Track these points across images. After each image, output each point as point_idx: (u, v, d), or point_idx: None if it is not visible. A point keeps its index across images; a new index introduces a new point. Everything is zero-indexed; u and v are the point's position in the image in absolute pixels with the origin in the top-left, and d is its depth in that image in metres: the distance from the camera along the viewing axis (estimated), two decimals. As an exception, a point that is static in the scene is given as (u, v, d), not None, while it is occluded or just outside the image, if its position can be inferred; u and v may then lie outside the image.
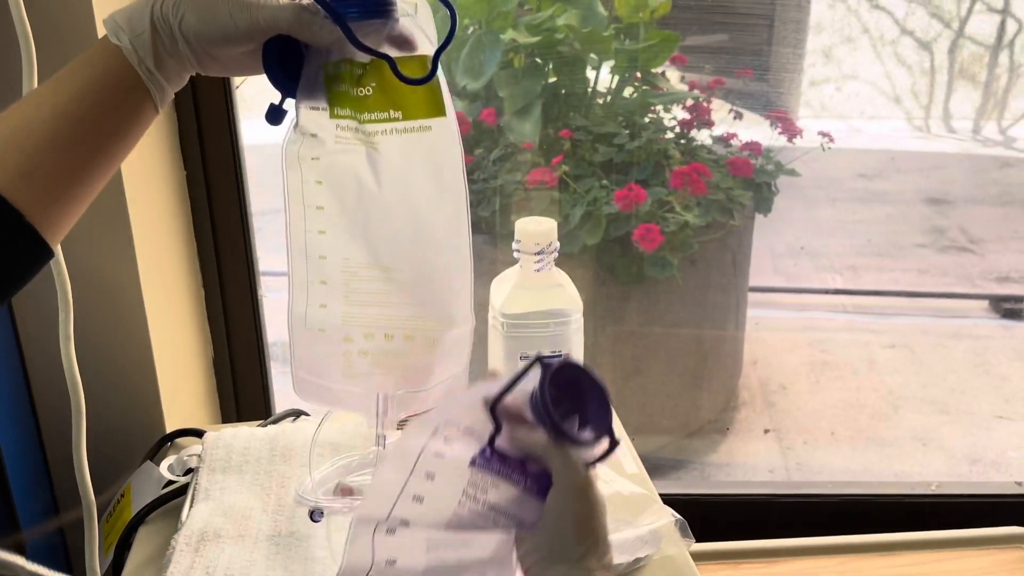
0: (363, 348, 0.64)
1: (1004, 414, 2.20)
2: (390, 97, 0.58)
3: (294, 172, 0.62)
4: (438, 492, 0.60)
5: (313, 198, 0.62)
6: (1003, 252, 2.92)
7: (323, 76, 0.58)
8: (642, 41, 1.99)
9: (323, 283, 0.63)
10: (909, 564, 1.06)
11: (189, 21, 0.55)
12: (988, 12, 2.85)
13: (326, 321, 0.64)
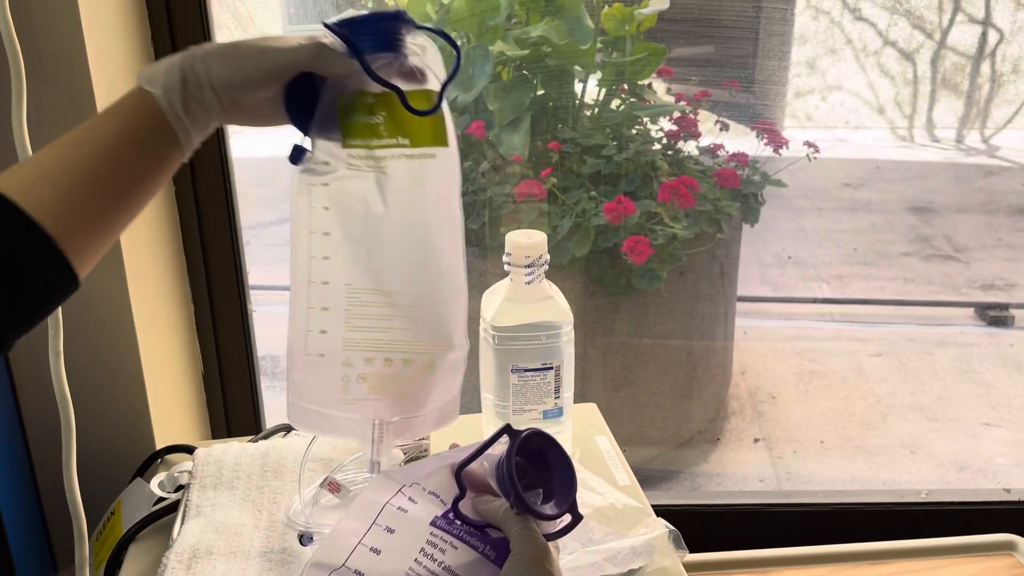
0: (362, 373, 0.65)
1: (991, 421, 2.22)
2: (399, 125, 0.62)
3: (303, 199, 0.65)
4: (396, 546, 0.60)
5: (320, 224, 0.64)
6: (988, 260, 2.94)
7: (337, 108, 0.62)
8: (629, 54, 2.00)
9: (324, 309, 0.65)
10: (900, 572, 1.06)
11: (216, 70, 0.59)
12: (969, 23, 2.88)
13: (326, 347, 0.65)
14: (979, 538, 1.10)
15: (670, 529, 0.77)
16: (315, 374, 0.66)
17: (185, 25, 0.99)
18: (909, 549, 1.09)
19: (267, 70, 0.60)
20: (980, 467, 2.05)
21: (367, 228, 0.64)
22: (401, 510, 0.62)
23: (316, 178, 0.64)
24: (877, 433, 2.18)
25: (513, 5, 2.00)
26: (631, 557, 0.72)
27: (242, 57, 0.60)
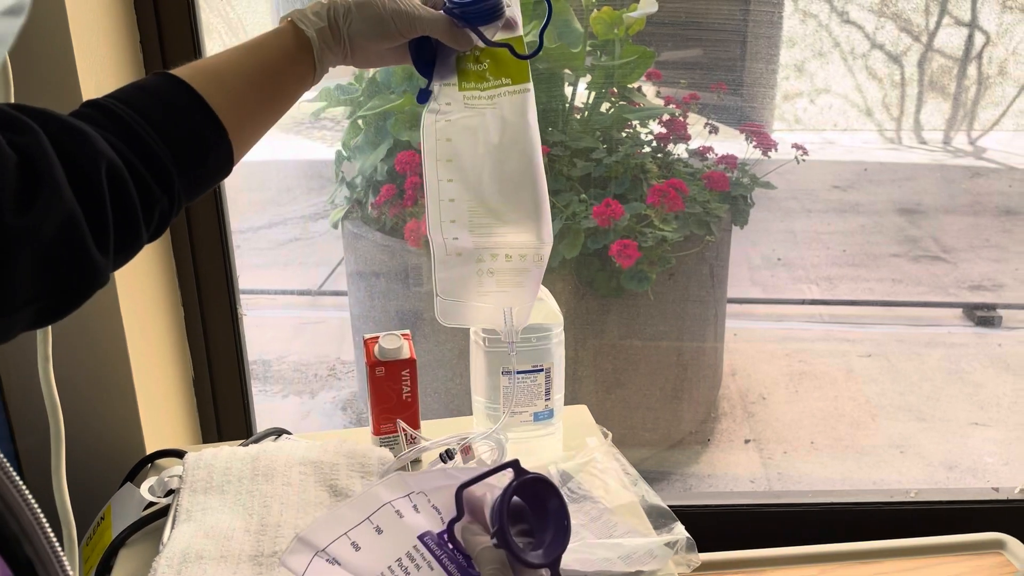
0: (491, 267, 0.82)
1: (979, 420, 2.23)
2: (501, 69, 0.78)
3: (430, 135, 0.80)
4: (377, 548, 0.63)
5: (445, 152, 0.81)
6: (975, 261, 2.96)
7: (453, 60, 0.78)
8: (618, 57, 2.01)
9: (452, 221, 0.82)
10: (890, 571, 1.07)
11: (357, 26, 0.72)
12: (956, 25, 2.90)
13: (461, 247, 0.82)
14: (968, 537, 1.11)
15: (686, 536, 0.77)
16: (456, 271, 0.83)
17: (174, 29, 0.99)
18: (899, 548, 1.10)
19: (403, 32, 0.72)
20: (969, 466, 2.06)
21: (482, 153, 0.79)
22: (398, 514, 0.64)
23: (440, 116, 0.79)
24: (867, 433, 2.19)
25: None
26: (645, 559, 0.72)
27: (383, 19, 0.71)
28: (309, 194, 3.02)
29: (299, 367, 2.51)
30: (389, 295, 2.05)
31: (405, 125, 2.01)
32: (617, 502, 0.82)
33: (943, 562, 1.08)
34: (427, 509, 0.65)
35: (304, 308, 2.83)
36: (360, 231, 2.07)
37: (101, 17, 0.91)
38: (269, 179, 2.81)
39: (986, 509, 1.27)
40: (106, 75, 0.91)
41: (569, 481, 0.86)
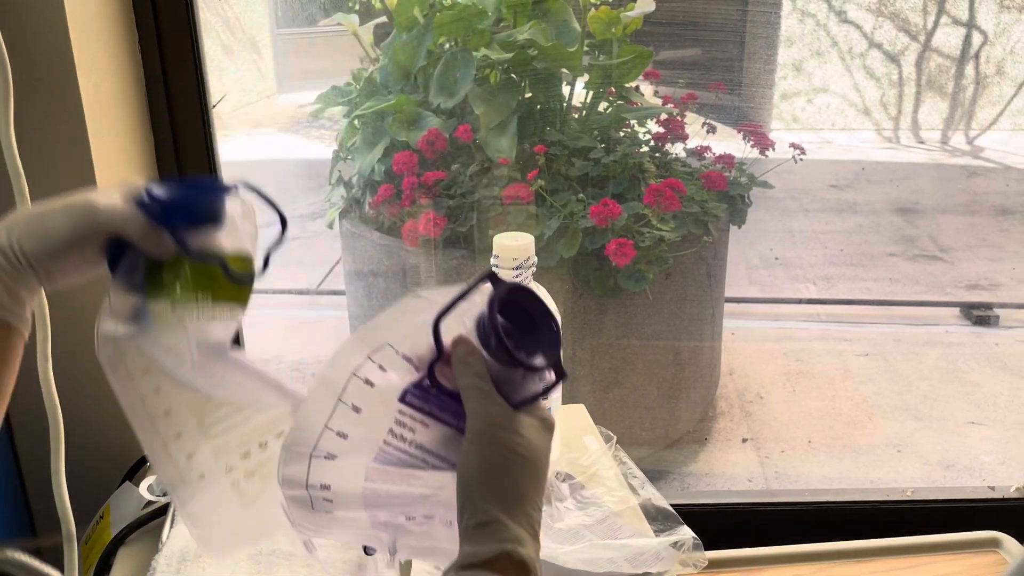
0: (247, 468, 0.64)
1: (976, 419, 2.23)
2: (204, 285, 0.60)
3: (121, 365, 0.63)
4: (363, 428, 0.56)
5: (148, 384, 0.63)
6: (972, 260, 2.97)
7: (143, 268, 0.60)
8: (616, 57, 2.01)
9: (178, 435, 0.63)
10: (887, 570, 1.07)
11: (27, 244, 0.56)
12: (954, 25, 2.91)
13: (202, 465, 0.63)
14: (964, 535, 1.11)
15: (693, 537, 0.76)
16: (204, 496, 0.64)
17: (172, 29, 0.99)
18: (895, 547, 1.10)
19: (79, 231, 0.56)
20: (966, 465, 2.06)
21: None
22: (368, 383, 0.56)
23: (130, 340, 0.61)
24: (864, 433, 2.19)
25: (501, 9, 2.01)
26: (652, 560, 0.72)
27: (47, 224, 0.56)
28: (307, 193, 3.03)
29: (297, 366, 2.52)
30: (387, 294, 2.06)
31: (402, 124, 2.01)
32: (621, 505, 0.82)
33: (939, 560, 1.08)
34: (396, 363, 0.57)
35: (302, 307, 2.84)
36: (358, 230, 2.08)
37: (99, 18, 0.91)
38: (266, 178, 2.82)
39: (982, 508, 1.27)
40: (104, 75, 0.92)
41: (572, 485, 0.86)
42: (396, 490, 0.57)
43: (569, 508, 0.82)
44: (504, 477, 0.51)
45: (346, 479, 0.57)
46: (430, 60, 2.01)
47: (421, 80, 2.05)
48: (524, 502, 0.51)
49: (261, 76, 3.45)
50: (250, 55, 3.26)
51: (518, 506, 0.51)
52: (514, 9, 2.02)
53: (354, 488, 0.57)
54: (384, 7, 2.21)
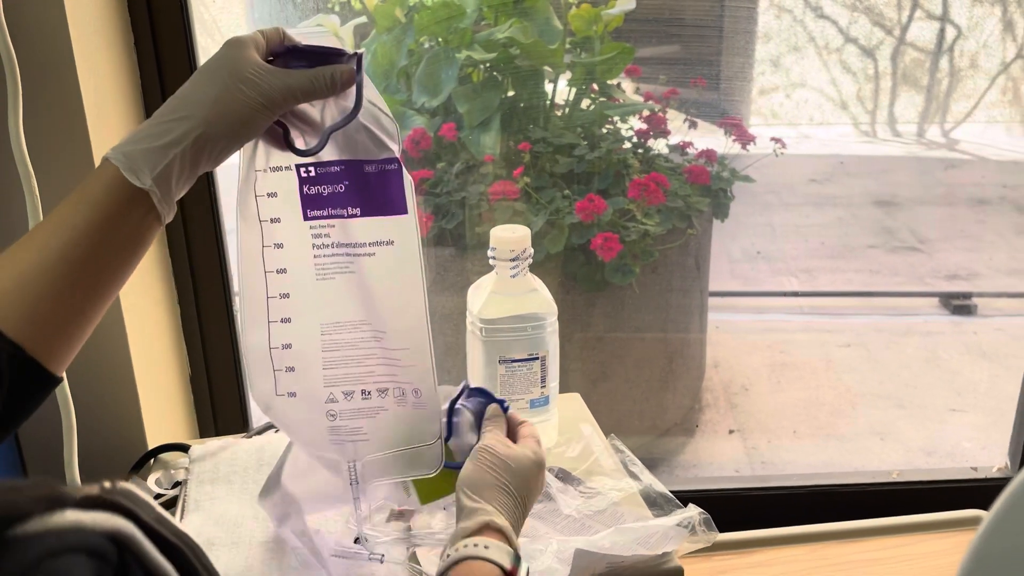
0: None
1: (956, 407, 2.27)
2: None
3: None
4: (293, 259, 0.66)
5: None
6: (950, 251, 3.01)
7: None
8: (597, 54, 2.03)
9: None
10: (875, 549, 1.10)
11: (219, 139, 0.59)
12: (928, 19, 2.94)
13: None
14: (949, 514, 1.14)
15: (702, 513, 0.78)
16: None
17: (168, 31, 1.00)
18: (884, 527, 1.13)
19: (277, 113, 0.62)
20: (948, 451, 2.10)
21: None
22: (275, 220, 0.67)
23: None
24: (848, 421, 2.22)
25: (481, 8, 2.02)
26: (662, 541, 0.73)
27: (248, 111, 0.60)
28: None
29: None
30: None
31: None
32: (622, 493, 0.83)
33: (926, 539, 1.11)
34: (271, 180, 0.68)
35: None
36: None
37: (97, 20, 0.92)
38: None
39: (965, 488, 1.30)
40: (103, 76, 0.93)
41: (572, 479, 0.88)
42: (349, 338, 0.67)
43: (571, 500, 0.83)
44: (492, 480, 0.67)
45: (304, 337, 0.66)
46: (412, 60, 2.02)
47: (403, 80, 2.06)
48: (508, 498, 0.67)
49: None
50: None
51: (498, 500, 0.66)
52: (495, 8, 2.03)
53: (313, 346, 0.67)
54: (364, 7, 2.21)
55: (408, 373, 0.69)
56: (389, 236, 0.67)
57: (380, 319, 0.68)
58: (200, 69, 0.61)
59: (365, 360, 0.69)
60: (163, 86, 1.01)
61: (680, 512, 0.76)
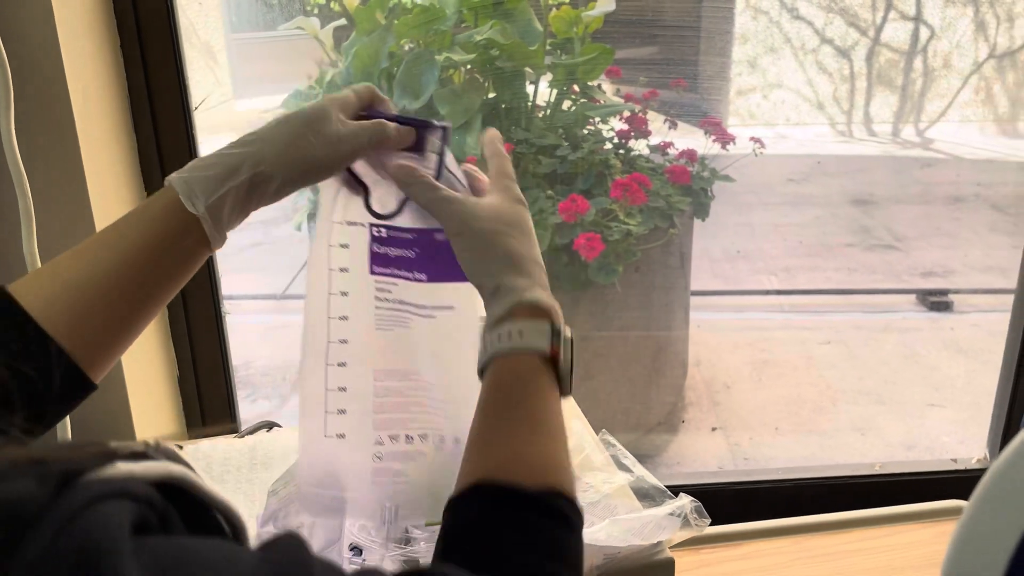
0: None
1: (935, 402, 2.30)
2: None
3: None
4: (355, 306, 0.68)
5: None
6: (926, 248, 3.05)
7: None
8: (578, 55, 2.04)
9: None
10: (859, 540, 1.11)
11: (280, 178, 0.60)
12: (902, 20, 2.98)
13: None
14: (931, 505, 1.15)
15: (693, 502, 0.78)
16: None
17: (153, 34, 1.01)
18: (867, 518, 1.14)
19: (337, 166, 0.62)
20: (927, 446, 2.12)
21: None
22: (343, 270, 0.68)
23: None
24: (828, 417, 2.25)
25: (462, 10, 2.03)
26: (656, 531, 0.74)
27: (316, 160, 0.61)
28: (268, 198, 3.01)
29: (267, 372, 2.51)
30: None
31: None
32: (613, 487, 0.84)
33: (908, 529, 1.13)
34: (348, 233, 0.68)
35: (270, 313, 2.83)
36: (329, 232, 2.08)
37: (84, 23, 0.93)
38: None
39: (945, 479, 1.32)
40: (90, 79, 0.93)
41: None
42: (398, 385, 0.68)
43: None
44: (493, 250, 0.60)
45: (358, 382, 0.68)
46: (393, 61, 2.03)
47: (384, 82, 2.07)
48: (520, 262, 0.60)
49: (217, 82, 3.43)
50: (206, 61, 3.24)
51: (515, 267, 0.59)
52: (475, 10, 2.04)
53: (366, 391, 0.68)
54: (343, 9, 2.22)
55: (450, 423, 0.70)
56: (450, 302, 0.68)
57: (431, 372, 0.69)
58: (285, 114, 0.63)
59: (411, 407, 0.70)
60: (149, 89, 1.01)
61: (672, 502, 0.77)
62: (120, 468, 0.34)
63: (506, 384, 0.56)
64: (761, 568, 1.06)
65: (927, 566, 1.05)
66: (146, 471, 0.35)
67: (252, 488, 0.82)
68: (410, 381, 0.70)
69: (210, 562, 0.33)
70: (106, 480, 0.33)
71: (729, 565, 1.07)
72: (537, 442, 0.54)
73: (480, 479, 0.52)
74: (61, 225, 0.90)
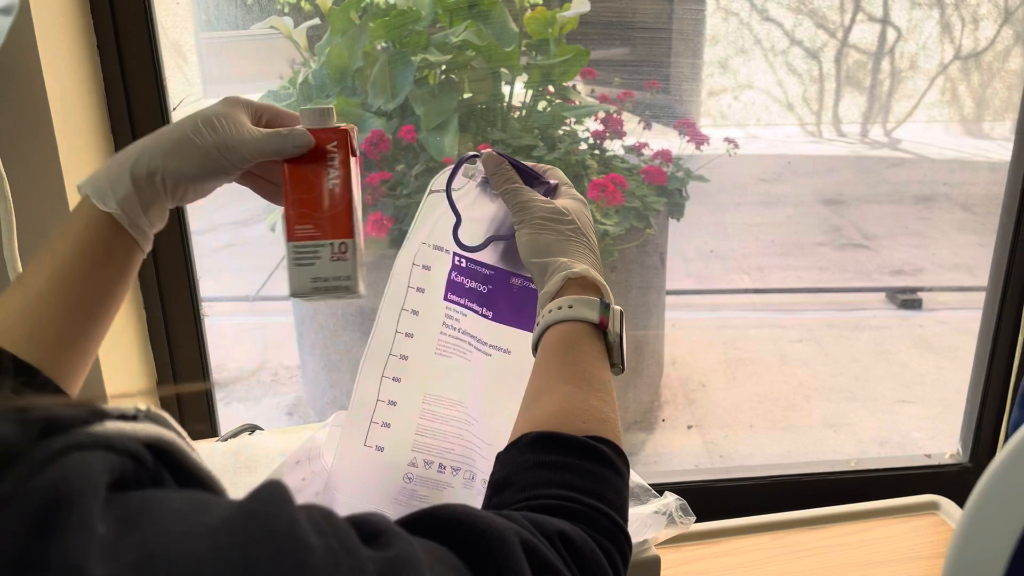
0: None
1: (905, 398, 2.33)
2: None
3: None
4: (422, 327, 0.71)
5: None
6: (895, 247, 3.09)
7: None
8: (553, 56, 2.05)
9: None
10: (836, 535, 1.13)
11: (177, 171, 0.60)
12: (869, 21, 3.02)
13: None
14: (906, 500, 1.18)
15: (679, 500, 0.78)
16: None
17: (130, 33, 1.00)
18: (844, 514, 1.16)
19: (238, 165, 0.62)
20: (898, 442, 2.15)
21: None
22: (419, 291, 0.70)
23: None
24: (802, 414, 2.27)
25: (437, 11, 2.03)
26: (641, 529, 0.74)
27: (207, 154, 0.60)
28: (238, 200, 3.00)
29: (242, 374, 2.49)
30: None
31: (344, 127, 2.02)
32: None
33: (884, 525, 1.15)
34: (432, 256, 0.70)
35: (243, 315, 2.81)
36: (304, 234, 2.07)
37: (61, 22, 0.92)
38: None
39: (920, 475, 1.35)
40: (68, 78, 0.92)
41: None
42: (444, 413, 0.71)
43: None
44: (551, 234, 0.64)
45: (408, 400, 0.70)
46: (367, 61, 2.02)
47: (359, 82, 2.06)
48: (571, 245, 0.64)
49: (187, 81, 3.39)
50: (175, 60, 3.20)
51: (568, 250, 0.64)
52: (450, 11, 2.04)
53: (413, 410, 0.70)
54: (316, 9, 2.21)
55: (484, 464, 0.71)
56: (509, 346, 0.71)
57: (476, 409, 0.71)
58: (189, 114, 0.63)
59: (451, 437, 0.72)
60: (127, 90, 1.01)
61: (657, 500, 0.78)
62: (109, 426, 0.33)
63: (556, 348, 0.60)
64: (741, 564, 1.07)
65: (903, 560, 1.07)
66: (135, 431, 0.34)
67: (237, 492, 0.82)
68: (456, 411, 0.72)
69: (178, 512, 0.32)
70: (92, 433, 0.32)
71: (710, 562, 1.08)
72: (583, 397, 0.57)
73: (529, 430, 0.54)
74: (41, 227, 0.89)
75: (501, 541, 0.43)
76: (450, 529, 0.43)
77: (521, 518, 0.46)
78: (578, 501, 0.50)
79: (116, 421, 0.34)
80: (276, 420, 2.29)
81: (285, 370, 2.51)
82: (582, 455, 0.53)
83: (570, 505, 0.50)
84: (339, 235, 0.65)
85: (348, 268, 0.66)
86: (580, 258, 0.64)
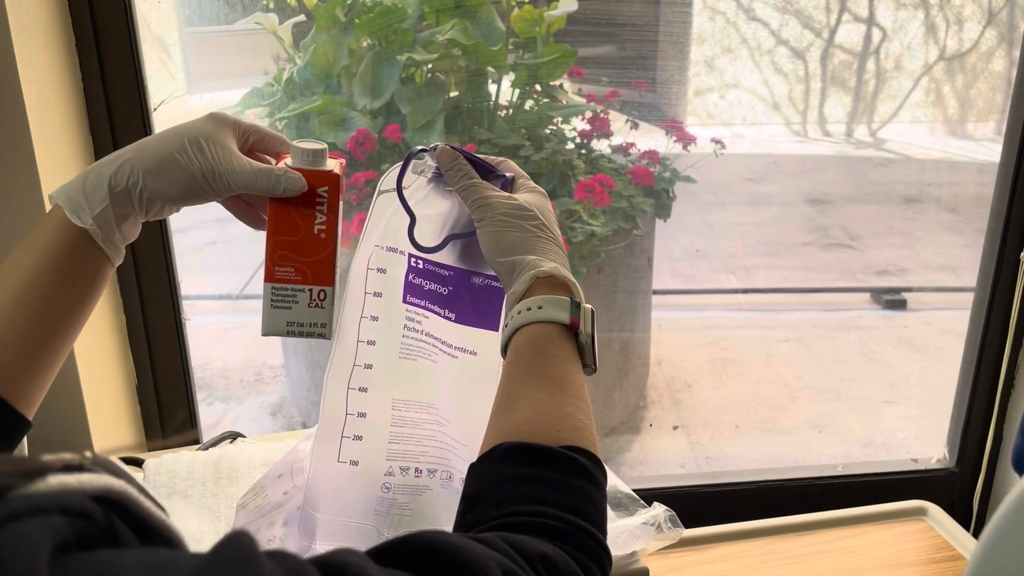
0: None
1: (890, 399, 2.34)
2: None
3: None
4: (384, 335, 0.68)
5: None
6: (880, 247, 3.10)
7: None
8: (540, 55, 2.04)
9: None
10: (824, 541, 1.12)
11: (157, 189, 0.58)
12: (855, 22, 3.03)
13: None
14: (893, 505, 1.17)
15: (667, 511, 0.78)
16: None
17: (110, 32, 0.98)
18: (831, 519, 1.15)
19: (219, 192, 0.61)
20: (883, 442, 2.16)
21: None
22: (377, 295, 0.68)
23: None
24: (787, 415, 2.27)
25: (423, 9, 2.01)
26: (630, 540, 0.74)
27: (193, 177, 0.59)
28: (223, 197, 2.96)
29: (224, 373, 2.47)
30: (320, 296, 2.04)
31: (329, 126, 2.00)
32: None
33: (872, 530, 1.15)
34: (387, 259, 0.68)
35: (227, 313, 2.78)
36: (288, 233, 2.05)
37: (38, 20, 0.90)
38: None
39: (907, 479, 1.34)
40: (44, 80, 0.90)
41: None
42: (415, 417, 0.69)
43: None
44: (515, 232, 0.61)
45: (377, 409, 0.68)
46: (353, 59, 2.00)
47: (345, 80, 2.04)
48: (536, 242, 0.62)
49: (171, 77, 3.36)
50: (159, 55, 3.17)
51: (531, 246, 0.61)
52: (436, 9, 2.03)
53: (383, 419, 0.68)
54: (301, 5, 2.18)
55: (460, 463, 0.70)
56: (475, 347, 0.68)
57: (448, 410, 0.70)
58: (173, 127, 0.61)
59: (424, 440, 0.70)
60: (106, 90, 0.99)
61: (645, 511, 0.77)
62: (51, 482, 0.30)
63: (526, 352, 0.58)
64: (729, 571, 1.07)
65: (891, 566, 1.07)
66: (81, 484, 0.31)
67: (218, 503, 0.80)
68: (427, 414, 0.70)
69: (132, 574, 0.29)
70: (28, 496, 0.29)
71: (695, 569, 1.07)
72: (557, 404, 0.55)
73: (502, 440, 0.52)
74: (16, 229, 0.87)
75: (482, 574, 0.41)
76: (426, 559, 0.42)
77: (500, 541, 0.45)
78: (556, 518, 0.49)
79: (59, 475, 0.31)
80: (260, 420, 2.27)
81: (269, 369, 2.49)
82: (558, 467, 0.51)
83: (548, 523, 0.48)
84: (319, 282, 0.64)
85: (324, 316, 0.65)
86: (547, 255, 0.62)
